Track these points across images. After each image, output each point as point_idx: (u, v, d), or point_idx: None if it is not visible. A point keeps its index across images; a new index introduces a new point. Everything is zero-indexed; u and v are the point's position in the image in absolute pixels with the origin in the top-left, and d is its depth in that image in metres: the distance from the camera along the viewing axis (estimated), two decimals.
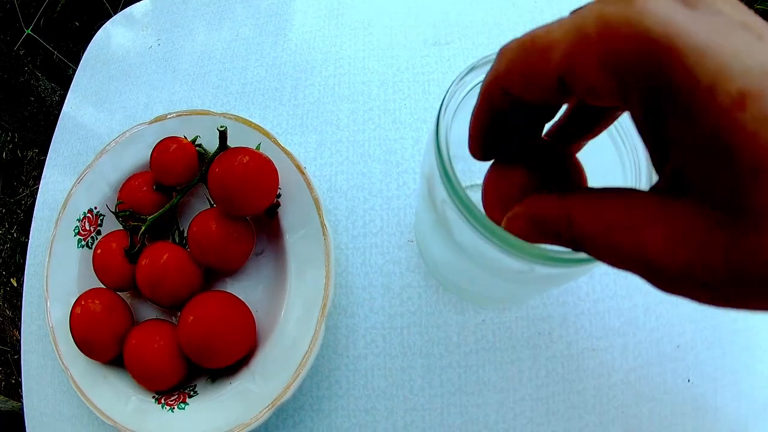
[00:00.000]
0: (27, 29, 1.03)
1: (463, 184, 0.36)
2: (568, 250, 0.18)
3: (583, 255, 0.20)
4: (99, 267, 0.36)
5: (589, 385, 0.34)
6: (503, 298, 0.34)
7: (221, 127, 0.34)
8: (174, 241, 0.36)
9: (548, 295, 0.36)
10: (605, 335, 0.35)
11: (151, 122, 0.39)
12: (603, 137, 0.25)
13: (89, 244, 0.39)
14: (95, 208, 0.39)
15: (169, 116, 0.39)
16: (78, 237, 0.39)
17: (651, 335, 0.36)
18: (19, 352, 1.20)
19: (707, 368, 0.35)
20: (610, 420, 0.34)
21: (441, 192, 0.23)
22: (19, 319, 1.12)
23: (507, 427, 0.34)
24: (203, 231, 0.34)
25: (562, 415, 0.34)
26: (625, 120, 0.24)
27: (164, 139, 0.37)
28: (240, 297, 0.35)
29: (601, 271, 0.36)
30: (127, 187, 0.37)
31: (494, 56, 0.20)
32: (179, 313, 0.36)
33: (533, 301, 0.36)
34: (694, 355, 0.35)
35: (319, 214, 0.34)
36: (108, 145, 0.40)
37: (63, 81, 1.17)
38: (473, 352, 0.35)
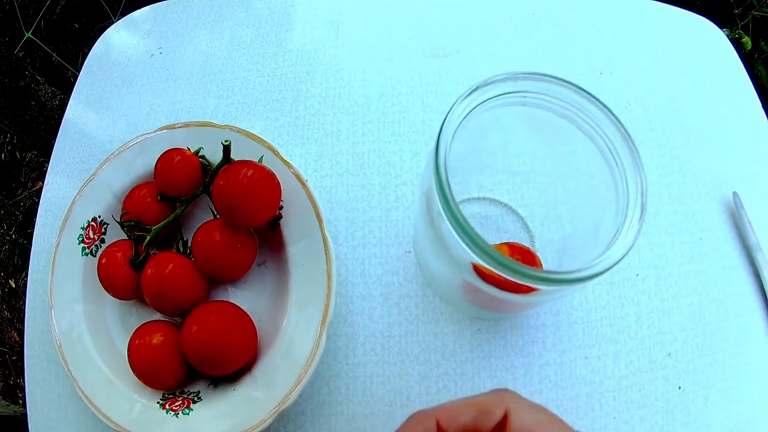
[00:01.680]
0: (27, 32, 1.04)
1: (461, 197, 0.38)
2: (562, 269, 0.19)
3: (575, 275, 0.21)
4: (104, 276, 0.36)
5: (581, 392, 0.35)
6: (498, 312, 0.35)
7: (225, 141, 0.35)
8: (178, 250, 0.37)
9: (541, 305, 0.37)
10: (597, 343, 0.36)
11: (154, 132, 0.40)
12: (597, 158, 0.26)
13: (93, 252, 0.39)
14: (99, 216, 0.40)
15: (172, 127, 0.40)
16: (82, 245, 0.39)
17: (642, 343, 0.37)
18: (17, 354, 1.20)
19: (698, 376, 0.36)
20: (602, 426, 0.35)
21: (438, 209, 0.23)
22: (18, 320, 1.13)
23: None
24: (207, 241, 0.35)
25: None
26: (618, 141, 0.25)
27: (168, 150, 0.37)
28: (243, 306, 0.36)
29: (593, 282, 0.37)
30: (132, 197, 0.38)
31: (497, 78, 0.20)
32: (178, 319, 0.36)
33: (527, 310, 0.37)
34: (685, 363, 0.36)
35: (320, 225, 0.35)
36: (111, 154, 0.40)
37: (62, 83, 1.17)
38: (469, 360, 0.36)
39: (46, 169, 0.48)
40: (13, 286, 1.14)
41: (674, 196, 0.41)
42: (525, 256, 0.32)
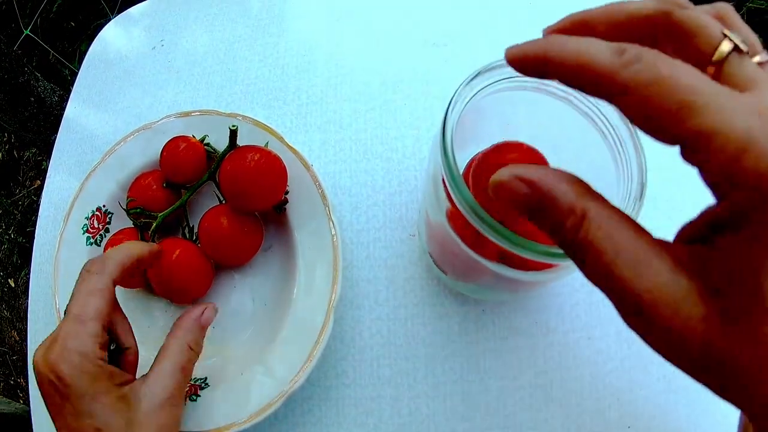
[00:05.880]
0: (26, 30, 1.03)
1: None
2: None
3: None
4: None
5: (585, 373, 0.36)
6: (504, 292, 0.36)
7: (233, 126, 0.35)
8: (184, 236, 0.37)
9: (544, 287, 0.37)
10: (600, 324, 0.37)
11: (158, 121, 0.40)
12: (598, 142, 0.26)
13: (98, 241, 0.39)
14: (104, 206, 0.40)
15: (176, 115, 0.40)
16: (86, 234, 0.39)
17: None
18: (17, 353, 1.20)
19: None
20: (607, 406, 0.35)
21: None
22: (18, 320, 1.12)
23: (507, 414, 0.35)
24: (214, 226, 0.35)
25: (560, 402, 0.35)
26: (620, 127, 0.25)
27: (174, 138, 0.38)
28: (249, 291, 0.36)
29: None
30: (137, 185, 0.38)
31: (499, 63, 0.20)
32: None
33: (531, 292, 0.37)
34: None
35: (326, 209, 0.35)
36: (116, 144, 0.41)
37: (59, 81, 1.17)
38: (474, 341, 0.36)
39: (45, 168, 0.48)
40: (13, 285, 1.14)
41: (673, 179, 0.41)
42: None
